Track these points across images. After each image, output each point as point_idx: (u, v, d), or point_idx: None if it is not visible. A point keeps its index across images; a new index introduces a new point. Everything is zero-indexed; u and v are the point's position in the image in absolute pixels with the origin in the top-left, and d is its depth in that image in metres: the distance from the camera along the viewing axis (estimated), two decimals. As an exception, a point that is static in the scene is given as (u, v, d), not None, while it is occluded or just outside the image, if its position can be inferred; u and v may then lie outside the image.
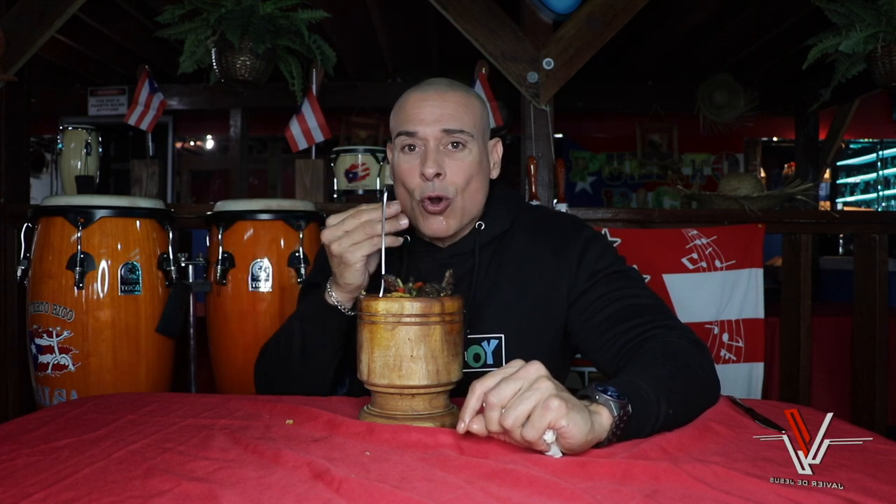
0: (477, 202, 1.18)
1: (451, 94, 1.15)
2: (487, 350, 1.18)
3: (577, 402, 0.78)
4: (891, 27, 2.27)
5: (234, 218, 2.21)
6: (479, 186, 1.18)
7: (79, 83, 5.10)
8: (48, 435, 0.89)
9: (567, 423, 0.75)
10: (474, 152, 1.15)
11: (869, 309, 2.58)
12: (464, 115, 1.14)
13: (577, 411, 0.76)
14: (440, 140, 1.13)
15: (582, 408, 0.78)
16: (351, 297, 1.13)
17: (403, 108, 1.16)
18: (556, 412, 0.75)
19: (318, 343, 1.17)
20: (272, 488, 0.69)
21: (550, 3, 2.41)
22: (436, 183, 1.12)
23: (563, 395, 0.77)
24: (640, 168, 6.05)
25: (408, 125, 1.14)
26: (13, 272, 2.38)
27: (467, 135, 1.14)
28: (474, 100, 1.18)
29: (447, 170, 1.13)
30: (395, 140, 1.17)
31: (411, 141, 1.14)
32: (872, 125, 6.24)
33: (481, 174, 1.18)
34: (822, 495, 0.67)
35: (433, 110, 1.13)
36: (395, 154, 1.18)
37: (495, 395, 0.78)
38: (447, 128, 1.12)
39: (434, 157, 1.12)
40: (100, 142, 2.76)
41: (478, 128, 1.17)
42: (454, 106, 1.14)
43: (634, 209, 4.15)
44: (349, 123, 5.48)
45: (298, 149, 2.85)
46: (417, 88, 1.17)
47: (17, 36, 2.48)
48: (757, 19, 3.80)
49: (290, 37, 2.44)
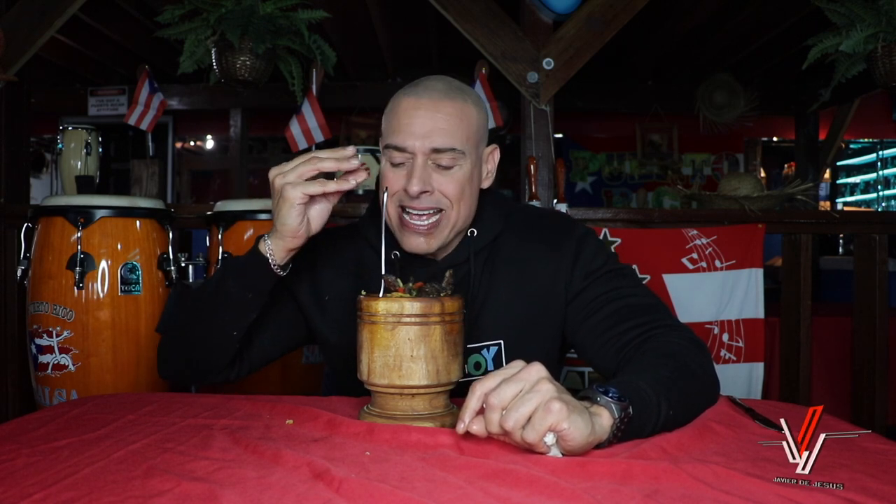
0: (466, 216, 1.15)
1: (445, 104, 1.09)
2: (488, 357, 1.17)
3: (577, 405, 0.78)
4: (891, 27, 2.27)
5: (234, 218, 2.21)
6: (471, 200, 1.15)
7: (79, 83, 5.10)
8: (48, 435, 0.88)
9: (568, 426, 0.75)
10: (465, 168, 1.11)
11: (869, 309, 2.58)
12: (456, 129, 1.09)
13: (578, 414, 0.76)
14: (428, 156, 1.09)
15: (583, 410, 0.78)
16: (285, 249, 1.07)
17: (395, 114, 1.11)
18: (557, 415, 0.75)
19: (232, 295, 1.11)
20: (272, 488, 0.69)
21: (550, 3, 2.41)
22: (423, 199, 1.09)
23: (564, 397, 0.77)
24: (640, 168, 6.05)
25: (397, 137, 1.09)
26: (13, 272, 2.38)
27: (458, 153, 1.09)
28: (470, 108, 1.12)
29: (435, 185, 1.10)
30: (383, 150, 1.13)
31: (399, 156, 1.10)
32: (872, 125, 6.24)
33: (471, 187, 1.14)
34: (822, 495, 0.67)
35: (424, 122, 1.08)
36: (383, 161, 1.14)
37: (496, 397, 0.78)
38: (436, 147, 1.08)
39: (420, 174, 1.08)
40: (100, 142, 2.76)
41: (472, 140, 1.12)
42: (447, 119, 1.08)
43: (634, 209, 4.15)
44: (349, 123, 5.48)
45: (298, 149, 2.85)
46: (413, 91, 1.11)
47: (17, 36, 2.48)
48: (757, 19, 3.80)
49: (290, 37, 2.44)
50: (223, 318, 1.13)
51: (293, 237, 1.05)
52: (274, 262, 1.08)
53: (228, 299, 1.12)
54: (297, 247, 1.08)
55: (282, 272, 1.10)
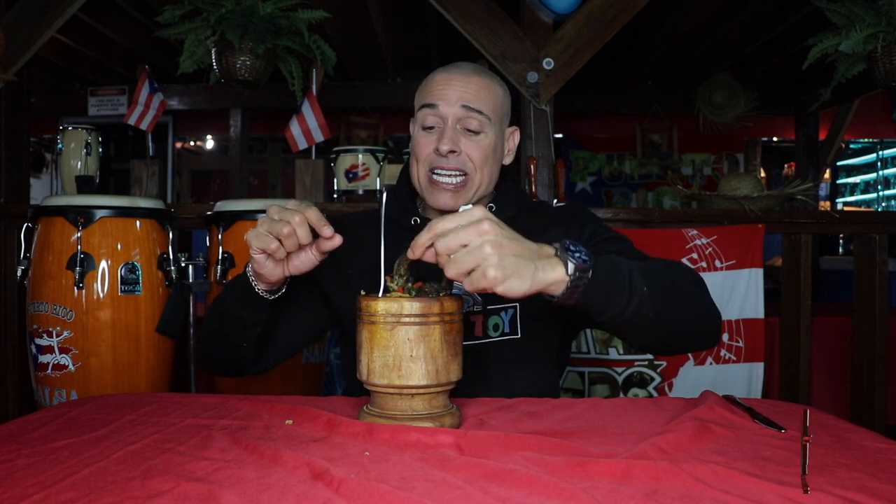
0: (488, 183, 1.23)
1: (475, 78, 1.20)
2: (505, 319, 1.21)
3: (517, 261, 0.82)
4: (891, 27, 2.27)
5: (234, 218, 2.21)
6: (493, 168, 1.23)
7: (79, 83, 5.10)
8: (48, 435, 0.88)
9: (502, 290, 0.81)
10: (490, 136, 1.20)
11: (869, 309, 2.58)
12: (485, 99, 1.19)
13: (515, 277, 0.81)
14: (459, 119, 1.18)
15: (526, 263, 0.82)
16: (266, 284, 1.08)
17: (428, 85, 1.22)
18: (490, 281, 0.80)
19: (232, 311, 1.14)
20: (272, 488, 0.69)
21: (550, 3, 2.41)
22: (451, 158, 1.17)
23: (505, 259, 0.81)
24: (640, 168, 6.05)
25: (430, 98, 1.20)
26: (13, 272, 2.39)
27: (485, 117, 1.19)
28: (497, 86, 1.24)
29: (462, 147, 1.18)
30: (417, 114, 1.23)
31: (432, 114, 1.19)
32: (872, 125, 6.24)
33: (495, 158, 1.23)
34: (823, 495, 0.67)
35: (455, 90, 1.19)
36: (415, 129, 1.23)
37: (443, 245, 0.82)
38: (467, 104, 1.17)
39: (451, 135, 1.17)
40: (100, 142, 2.76)
41: (497, 113, 1.22)
42: (476, 89, 1.19)
43: (634, 209, 4.14)
44: (349, 123, 5.48)
45: (298, 149, 2.85)
46: (444, 69, 1.23)
47: (17, 36, 2.48)
48: (757, 19, 3.80)
49: (290, 37, 2.44)
50: (230, 330, 1.17)
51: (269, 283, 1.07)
52: (259, 289, 1.10)
53: (230, 315, 1.15)
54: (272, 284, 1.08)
55: (272, 296, 1.11)
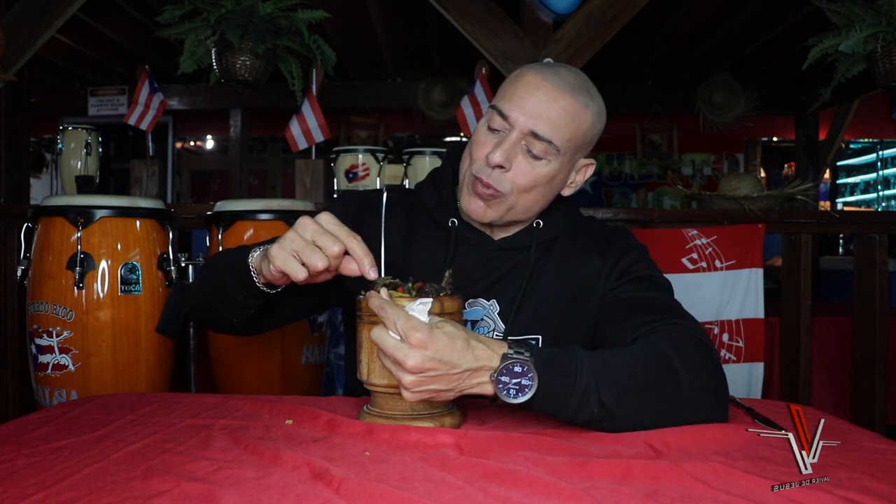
0: (529, 209, 1.14)
1: (565, 98, 1.06)
2: None
3: (436, 388, 0.85)
4: (891, 27, 2.27)
5: (234, 218, 2.21)
6: (539, 198, 1.13)
7: (79, 83, 5.10)
8: (48, 435, 0.88)
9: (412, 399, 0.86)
10: (551, 166, 1.09)
11: (869, 309, 2.58)
12: (563, 128, 1.07)
13: (432, 389, 0.84)
14: (525, 135, 1.07)
15: (442, 391, 0.85)
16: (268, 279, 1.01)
17: (516, 83, 1.09)
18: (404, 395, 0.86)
19: (229, 290, 1.08)
20: (272, 488, 0.69)
21: (550, 3, 2.41)
22: (495, 173, 1.08)
23: (421, 387, 0.84)
24: (640, 168, 6.05)
25: (506, 104, 1.08)
26: (13, 272, 2.39)
27: (553, 148, 1.07)
28: (588, 114, 1.09)
29: (514, 165, 1.08)
30: (489, 109, 1.12)
31: (499, 122, 1.08)
32: (872, 125, 6.25)
33: (548, 188, 1.13)
34: (823, 495, 0.67)
35: (537, 104, 1.06)
36: (483, 119, 1.13)
37: (381, 343, 0.84)
38: (536, 132, 1.06)
39: (507, 148, 1.06)
40: (100, 142, 2.76)
41: (571, 143, 1.09)
42: (559, 113, 1.06)
43: (634, 209, 4.13)
44: (349, 123, 5.48)
45: (298, 149, 2.85)
46: (542, 71, 1.09)
47: (17, 36, 2.48)
48: (757, 19, 3.80)
49: (290, 37, 2.44)
50: (223, 308, 1.13)
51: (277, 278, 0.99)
52: (260, 282, 1.03)
53: (226, 292, 1.09)
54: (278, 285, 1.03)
55: (270, 290, 1.06)
